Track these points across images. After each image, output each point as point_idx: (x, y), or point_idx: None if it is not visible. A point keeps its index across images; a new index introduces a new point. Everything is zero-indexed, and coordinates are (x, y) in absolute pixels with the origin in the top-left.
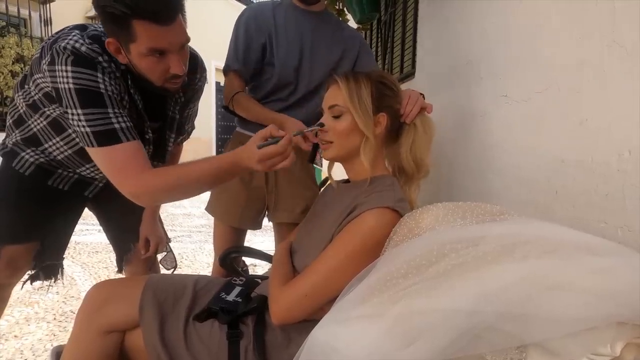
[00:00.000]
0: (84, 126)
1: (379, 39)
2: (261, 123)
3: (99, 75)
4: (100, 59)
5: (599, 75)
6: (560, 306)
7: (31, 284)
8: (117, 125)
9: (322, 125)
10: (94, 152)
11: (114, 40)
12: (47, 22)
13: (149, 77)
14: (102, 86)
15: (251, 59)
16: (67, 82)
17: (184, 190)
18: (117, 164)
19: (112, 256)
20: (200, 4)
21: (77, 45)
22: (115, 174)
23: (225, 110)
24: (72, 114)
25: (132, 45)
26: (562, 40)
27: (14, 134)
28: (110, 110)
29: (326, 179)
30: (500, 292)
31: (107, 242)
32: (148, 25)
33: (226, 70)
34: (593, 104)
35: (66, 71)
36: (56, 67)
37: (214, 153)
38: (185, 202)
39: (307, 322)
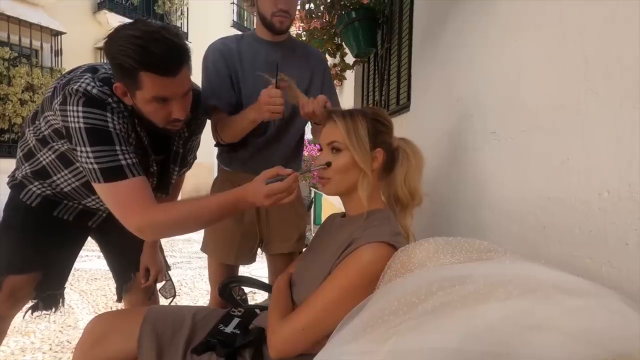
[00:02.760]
0: (91, 163)
1: (376, 72)
2: (245, 130)
3: (109, 115)
4: (110, 100)
5: (577, 119)
6: (540, 346)
7: (32, 314)
8: (123, 162)
9: (329, 164)
10: (100, 188)
11: (121, 85)
12: (57, 52)
13: (152, 120)
14: (110, 125)
15: (227, 90)
16: (78, 122)
17: (187, 226)
18: (122, 199)
19: (111, 283)
20: (205, 32)
21: (88, 88)
22: (120, 209)
23: (218, 147)
24: (81, 152)
25: (137, 92)
26: (542, 85)
27: (23, 166)
28: (117, 148)
29: (310, 203)
30: (485, 331)
31: (106, 269)
32: (154, 77)
33: (207, 110)
34: (573, 146)
35: (77, 111)
36: (67, 107)
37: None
38: None
39: (304, 356)
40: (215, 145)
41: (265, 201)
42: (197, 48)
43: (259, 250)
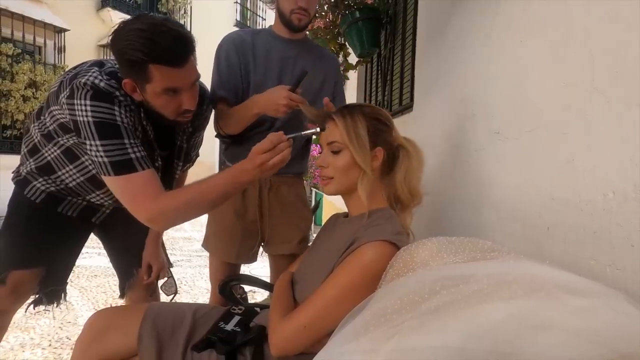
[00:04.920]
0: (101, 156)
1: (379, 73)
2: (245, 122)
3: (116, 108)
4: (117, 93)
5: (583, 119)
6: (544, 345)
7: (34, 308)
8: (132, 155)
9: (323, 129)
10: (111, 181)
11: (130, 80)
12: (60, 49)
13: (163, 113)
14: (118, 118)
15: (235, 83)
16: (86, 116)
17: (197, 208)
18: (133, 191)
19: (111, 280)
20: (208, 31)
21: (96, 81)
22: (131, 201)
23: (219, 138)
24: (91, 145)
25: (147, 86)
26: (547, 85)
27: (28, 162)
28: (126, 141)
29: (317, 205)
30: (489, 330)
31: (107, 266)
32: (163, 69)
33: (214, 100)
34: (578, 146)
35: (85, 105)
36: (75, 101)
37: None
38: (186, 226)
39: (305, 355)
40: (216, 136)
41: (257, 165)
42: (200, 47)
43: (261, 250)
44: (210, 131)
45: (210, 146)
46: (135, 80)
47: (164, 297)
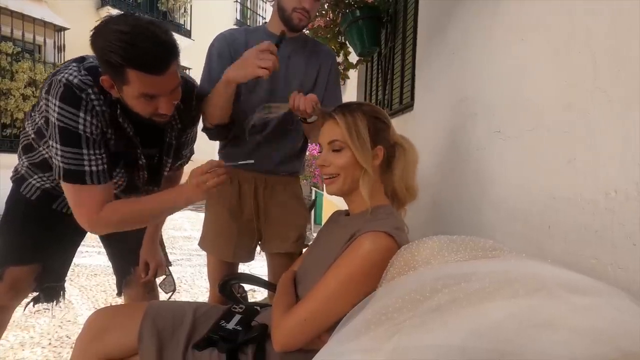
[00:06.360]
0: (58, 160)
1: (380, 72)
2: (222, 97)
3: (81, 115)
4: (89, 91)
5: (585, 118)
6: (546, 344)
7: (33, 306)
8: (87, 168)
9: (252, 164)
10: (62, 184)
11: (108, 78)
12: (60, 48)
13: (139, 112)
14: (81, 127)
15: None
16: (54, 116)
17: (133, 223)
18: (79, 201)
19: (111, 279)
20: (208, 30)
21: (70, 77)
22: (75, 207)
23: (206, 133)
24: (51, 146)
25: (124, 87)
26: (548, 84)
27: (22, 160)
28: (85, 152)
29: (312, 204)
30: (491, 329)
31: (106, 265)
32: (141, 75)
33: (201, 96)
34: (580, 145)
35: (55, 105)
36: (50, 97)
37: None
38: (186, 225)
39: (307, 352)
40: (203, 130)
41: (196, 187)
42: (200, 46)
43: (258, 248)
44: None
45: (209, 146)
46: (114, 79)
47: (162, 295)
